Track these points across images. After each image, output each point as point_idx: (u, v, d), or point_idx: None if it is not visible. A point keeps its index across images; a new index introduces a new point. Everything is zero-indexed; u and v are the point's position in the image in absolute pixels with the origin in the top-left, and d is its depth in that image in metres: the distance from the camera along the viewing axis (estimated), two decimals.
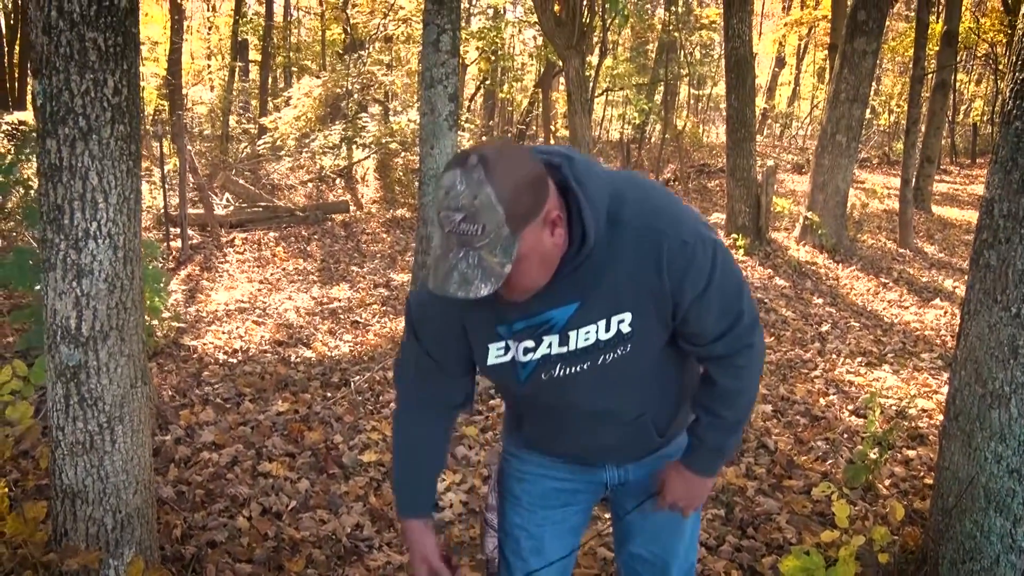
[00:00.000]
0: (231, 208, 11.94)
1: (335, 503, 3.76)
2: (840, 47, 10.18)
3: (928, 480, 4.00)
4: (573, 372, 1.70)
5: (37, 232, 3.33)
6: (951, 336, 6.84)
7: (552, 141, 16.40)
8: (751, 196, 10.28)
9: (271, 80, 21.32)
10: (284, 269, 9.45)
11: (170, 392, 5.02)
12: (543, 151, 1.59)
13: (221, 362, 5.85)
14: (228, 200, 12.28)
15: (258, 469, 4.04)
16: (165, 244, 9.65)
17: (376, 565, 3.30)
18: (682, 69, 22.89)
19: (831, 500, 3.55)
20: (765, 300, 8.09)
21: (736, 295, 1.68)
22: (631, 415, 1.82)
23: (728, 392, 1.78)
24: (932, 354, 6.48)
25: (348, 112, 14.19)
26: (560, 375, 1.71)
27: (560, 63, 11.84)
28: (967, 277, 2.95)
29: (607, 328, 1.64)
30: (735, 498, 3.92)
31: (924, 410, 5.13)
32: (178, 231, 9.95)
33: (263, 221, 11.60)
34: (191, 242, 10.05)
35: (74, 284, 2.47)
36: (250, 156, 15.60)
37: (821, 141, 10.37)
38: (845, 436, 4.75)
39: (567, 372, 1.70)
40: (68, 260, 2.45)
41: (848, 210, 10.86)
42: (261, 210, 11.91)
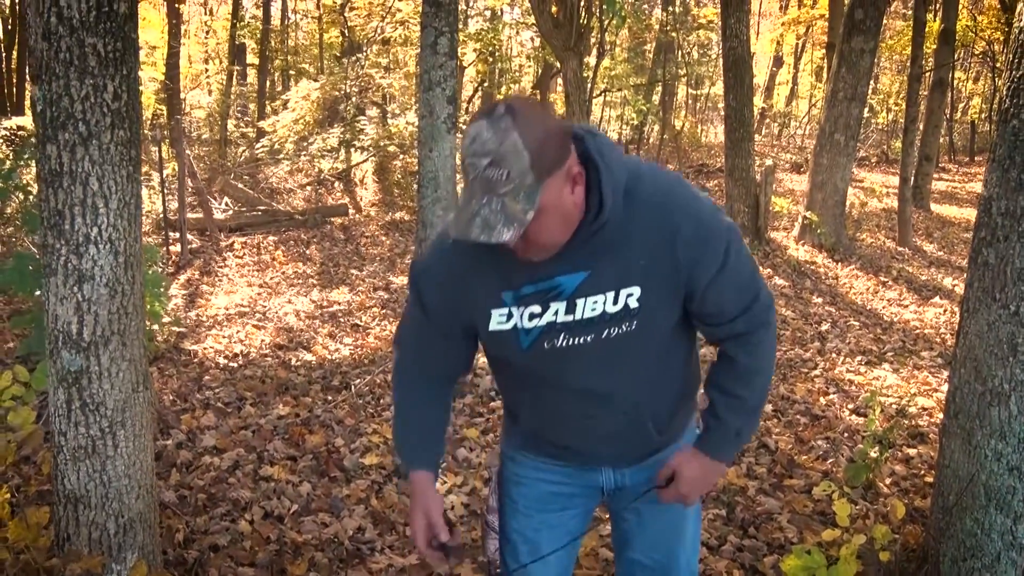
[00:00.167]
0: (230, 212, 11.94)
1: (337, 506, 3.77)
2: (838, 46, 10.19)
3: (929, 478, 4.00)
4: (576, 344, 1.70)
5: (38, 237, 3.33)
6: (951, 334, 6.84)
7: None
8: (750, 196, 10.28)
9: (269, 84, 21.33)
10: (284, 273, 9.45)
11: (171, 396, 5.03)
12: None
13: (222, 366, 5.85)
14: (227, 204, 12.28)
15: (260, 473, 4.04)
16: (164, 248, 9.66)
17: (378, 568, 3.30)
18: (680, 69, 22.93)
19: (832, 499, 3.55)
20: None
21: (752, 276, 1.74)
22: (629, 401, 1.80)
23: (747, 370, 1.79)
24: (932, 352, 6.49)
25: (346, 115, 14.19)
26: (563, 345, 1.70)
27: (558, 64, 11.86)
28: (966, 275, 2.95)
29: (615, 301, 1.65)
30: (736, 498, 3.92)
31: (924, 408, 5.13)
32: (177, 235, 9.95)
33: (262, 225, 11.61)
34: (190, 246, 10.06)
35: (75, 289, 2.48)
36: (249, 160, 15.60)
37: (819, 140, 10.38)
38: (845, 435, 4.75)
39: (570, 343, 1.70)
40: (69, 265, 2.46)
41: (847, 209, 10.87)
42: (260, 214, 11.92)
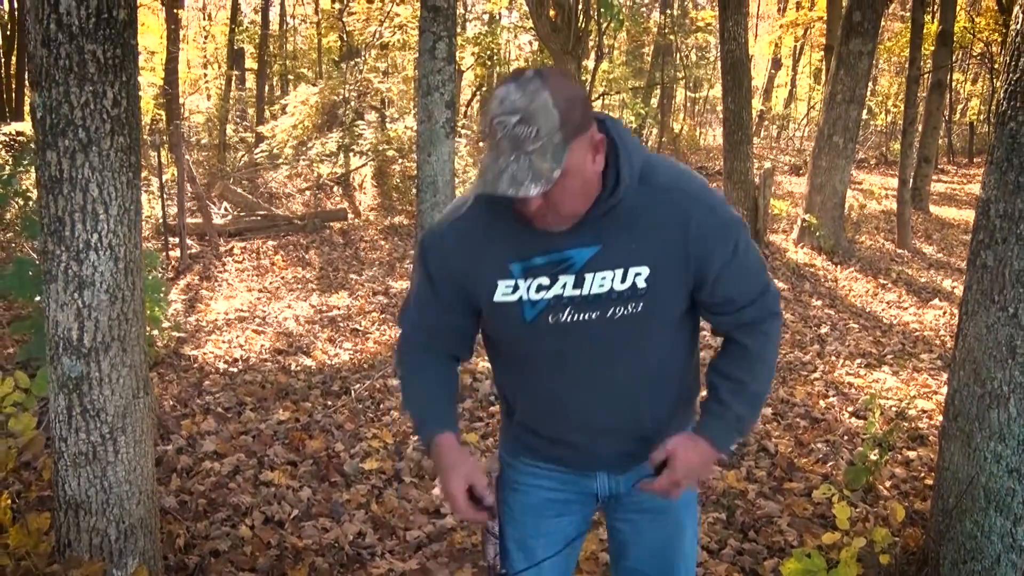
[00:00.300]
0: (229, 217, 11.94)
1: (337, 511, 3.77)
2: (836, 48, 10.21)
3: (928, 481, 4.00)
4: (581, 320, 1.70)
5: (38, 243, 3.34)
6: (950, 336, 6.85)
7: None
8: (748, 198, 10.28)
9: (268, 88, 21.34)
10: (283, 278, 9.45)
11: (171, 402, 5.03)
12: None
13: (221, 371, 5.85)
14: (226, 209, 12.28)
15: (260, 478, 4.04)
16: (164, 254, 9.66)
17: (379, 573, 3.30)
18: (678, 72, 22.97)
19: (832, 502, 3.55)
20: None
21: (760, 267, 1.78)
22: (628, 393, 1.79)
23: (753, 357, 1.80)
24: (931, 354, 6.49)
25: (345, 119, 14.19)
26: (567, 321, 1.70)
27: None
28: (965, 277, 2.96)
29: (623, 279, 1.67)
30: (736, 501, 3.92)
31: (924, 411, 5.14)
32: (177, 240, 9.96)
33: (261, 230, 11.60)
34: (190, 251, 10.06)
35: (76, 296, 2.48)
36: (248, 165, 15.61)
37: (818, 142, 10.39)
38: (845, 438, 4.76)
39: (575, 318, 1.70)
40: (69, 272, 2.47)
41: (846, 211, 10.88)
42: (259, 219, 11.92)
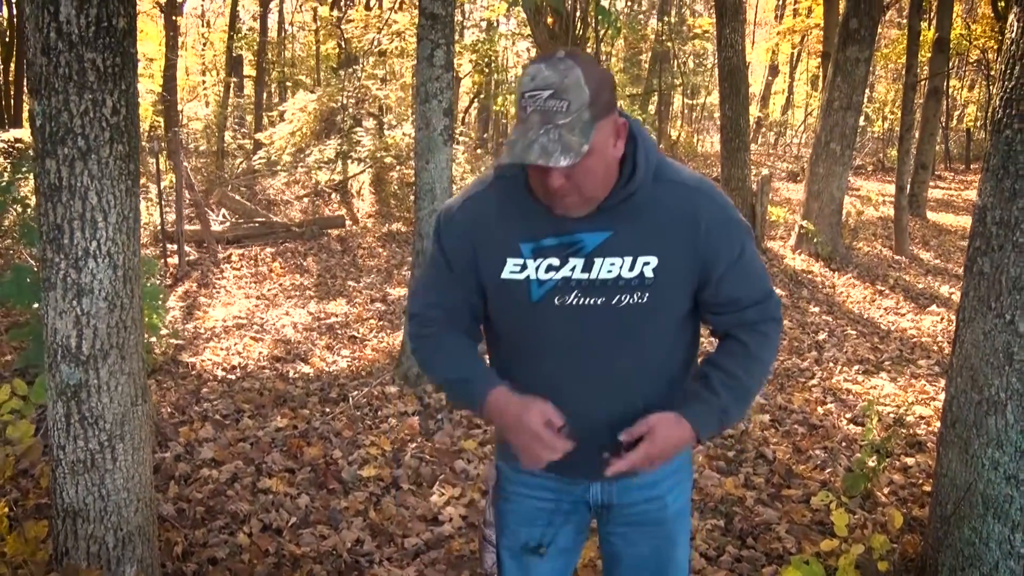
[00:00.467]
0: (227, 224, 11.94)
1: (335, 518, 3.77)
2: (833, 55, 10.24)
3: (927, 487, 4.01)
4: (586, 304, 1.71)
5: (36, 251, 3.34)
6: (948, 342, 6.86)
7: None
8: (746, 205, 10.31)
9: (266, 95, 21.36)
10: (281, 285, 9.45)
11: (169, 409, 5.03)
12: None
13: (220, 378, 5.85)
14: (224, 216, 12.28)
15: (258, 485, 4.04)
16: (162, 260, 9.65)
17: None
18: (675, 79, 23.01)
19: (830, 509, 3.55)
20: None
21: (764, 273, 1.83)
22: (627, 388, 1.78)
23: (750, 353, 1.81)
24: (929, 361, 6.50)
25: (343, 126, 14.20)
26: (573, 304, 1.72)
27: None
28: (962, 284, 2.97)
29: (632, 267, 1.69)
30: (734, 508, 3.93)
31: (922, 417, 5.14)
32: (175, 247, 9.96)
33: (259, 237, 11.61)
34: (188, 258, 10.06)
35: (74, 303, 2.48)
36: (246, 171, 15.61)
37: (815, 149, 10.41)
38: (843, 444, 4.76)
39: (581, 302, 1.71)
40: (68, 279, 2.47)
41: (843, 218, 10.89)
42: (257, 226, 11.92)
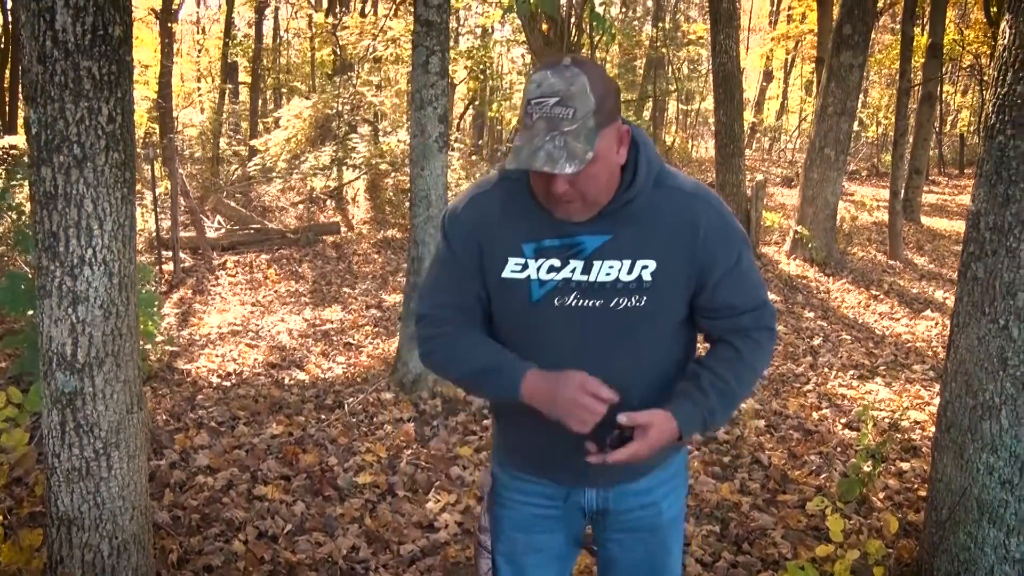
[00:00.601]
0: (222, 231, 11.94)
1: (331, 525, 3.76)
2: (827, 61, 10.26)
3: (922, 492, 4.01)
4: (585, 306, 1.73)
5: (32, 258, 3.34)
6: (942, 347, 6.87)
7: None
8: (741, 211, 10.32)
9: (261, 102, 21.39)
10: (276, 291, 9.45)
11: (164, 416, 5.02)
12: None
13: (215, 385, 5.84)
14: (219, 223, 12.29)
15: (253, 492, 4.03)
16: (157, 267, 9.65)
17: None
18: (670, 85, 23.04)
19: (826, 514, 3.56)
20: None
21: (760, 282, 1.86)
22: (621, 390, 1.73)
23: (742, 359, 1.82)
24: (924, 365, 6.51)
25: (338, 133, 14.21)
26: (572, 305, 1.73)
27: None
28: (956, 289, 2.98)
29: (630, 270, 1.71)
30: (730, 514, 3.93)
31: (917, 422, 5.15)
32: (170, 254, 9.95)
33: (255, 243, 11.60)
34: (183, 265, 10.05)
35: (70, 311, 2.48)
36: (241, 178, 15.62)
37: (810, 154, 10.43)
38: (838, 450, 4.76)
39: (580, 304, 1.73)
40: (63, 287, 2.47)
41: (838, 223, 10.92)
42: (252, 232, 11.92)
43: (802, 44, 25.28)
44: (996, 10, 14.36)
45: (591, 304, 1.73)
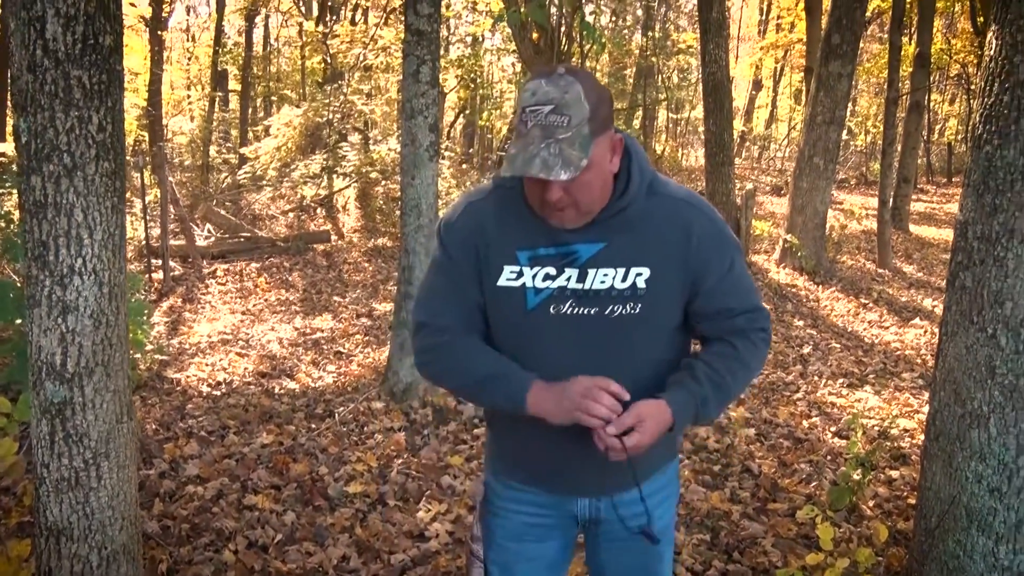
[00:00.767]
0: (212, 239, 11.91)
1: (321, 535, 3.75)
2: (816, 70, 10.32)
3: (911, 500, 4.03)
4: (580, 314, 1.74)
5: (21, 267, 3.32)
6: (931, 355, 6.90)
7: None
8: (730, 219, 10.35)
9: (251, 110, 21.35)
10: (266, 300, 9.43)
11: (154, 426, 5.00)
12: None
13: (205, 394, 5.82)
14: (209, 231, 12.25)
15: (243, 502, 4.02)
16: (147, 276, 9.62)
17: None
18: (660, 94, 23.13)
19: (815, 522, 3.57)
20: None
21: (753, 287, 1.88)
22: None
23: (737, 356, 1.83)
24: (913, 373, 6.54)
25: (328, 141, 14.21)
26: (568, 313, 1.74)
27: None
28: (944, 298, 2.99)
29: (624, 278, 1.73)
30: (720, 522, 3.93)
31: (906, 430, 5.17)
32: (160, 262, 9.92)
33: (245, 252, 11.58)
34: (173, 273, 10.02)
35: (59, 320, 2.47)
36: (231, 186, 15.59)
37: (799, 163, 10.48)
38: (828, 458, 4.78)
39: (574, 311, 1.74)
40: (53, 296, 2.46)
41: (827, 231, 10.97)
42: (242, 241, 11.89)
43: (791, 53, 25.41)
44: (983, 20, 14.47)
45: (586, 312, 1.74)
